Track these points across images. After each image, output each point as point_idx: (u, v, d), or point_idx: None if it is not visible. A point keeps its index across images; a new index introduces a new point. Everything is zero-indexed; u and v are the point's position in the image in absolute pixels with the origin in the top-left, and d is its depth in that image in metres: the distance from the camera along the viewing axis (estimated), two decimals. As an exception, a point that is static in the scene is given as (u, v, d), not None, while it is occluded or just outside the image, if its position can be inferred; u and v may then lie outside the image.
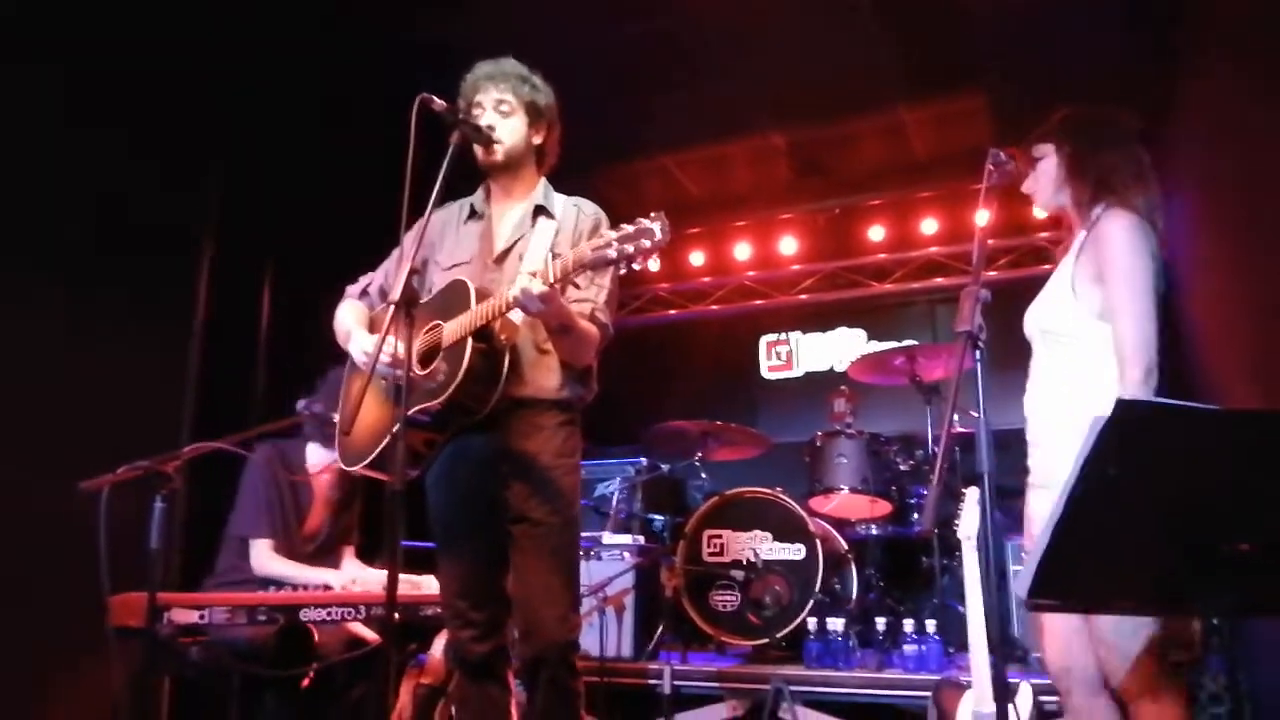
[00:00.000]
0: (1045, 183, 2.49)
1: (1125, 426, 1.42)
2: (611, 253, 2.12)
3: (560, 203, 2.69)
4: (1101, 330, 2.27)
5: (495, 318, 2.35)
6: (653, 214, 2.12)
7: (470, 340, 2.35)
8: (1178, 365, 4.52)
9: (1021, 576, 1.58)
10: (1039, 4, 4.62)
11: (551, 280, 2.21)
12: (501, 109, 2.62)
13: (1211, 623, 1.62)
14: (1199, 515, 1.55)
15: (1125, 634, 2.15)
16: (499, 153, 2.61)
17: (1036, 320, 2.42)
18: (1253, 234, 3.44)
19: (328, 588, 3.30)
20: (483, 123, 2.59)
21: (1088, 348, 2.30)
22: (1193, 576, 1.63)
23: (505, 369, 2.43)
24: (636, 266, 2.15)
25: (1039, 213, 2.62)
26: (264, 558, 3.41)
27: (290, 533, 3.52)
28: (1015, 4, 4.61)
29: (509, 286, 2.31)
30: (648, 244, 2.10)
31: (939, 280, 6.65)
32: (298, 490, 3.58)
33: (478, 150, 2.61)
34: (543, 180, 2.74)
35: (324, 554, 3.62)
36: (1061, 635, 2.31)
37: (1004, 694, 2.11)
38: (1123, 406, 1.41)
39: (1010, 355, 2.58)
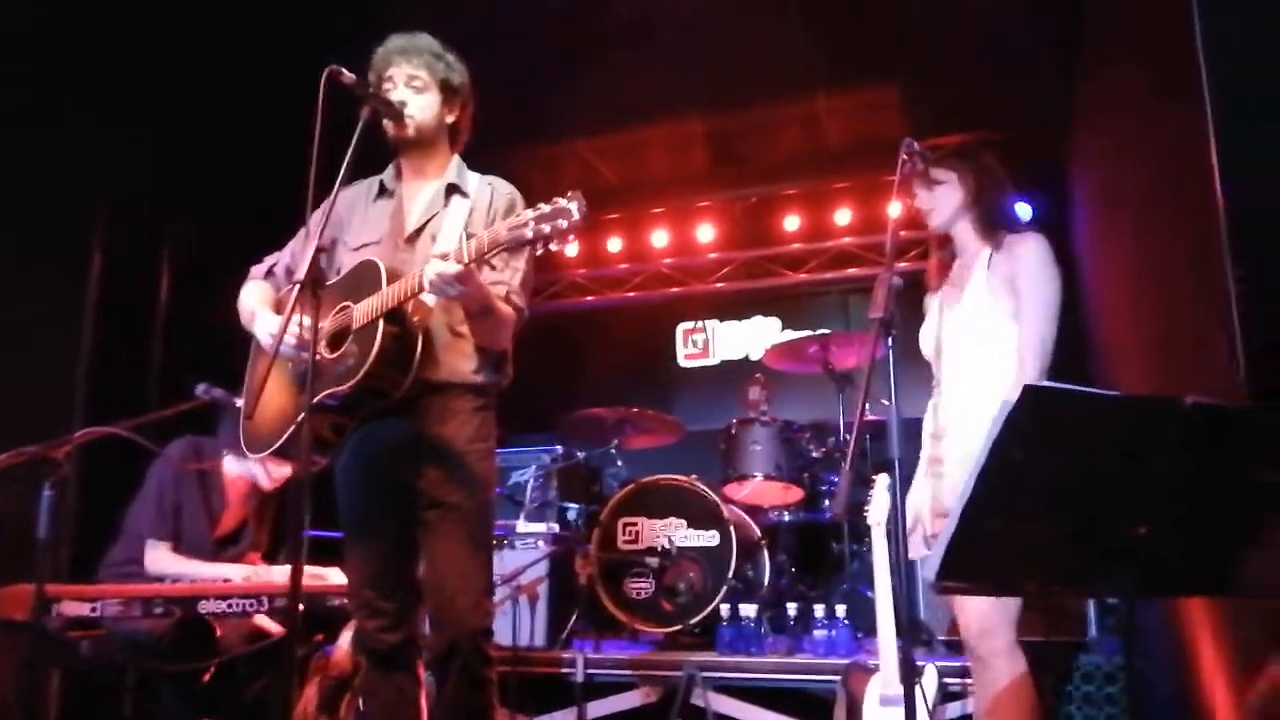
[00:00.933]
0: (945, 207, 2.65)
1: (1031, 411, 1.45)
2: (528, 233, 2.08)
3: (474, 181, 2.63)
4: (1013, 331, 2.47)
5: (408, 299, 2.29)
6: (569, 193, 2.08)
7: (382, 322, 2.29)
8: (1082, 364, 4.71)
9: (930, 559, 1.60)
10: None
11: (466, 260, 2.16)
12: (414, 84, 2.55)
13: (1107, 603, 1.68)
14: (1099, 499, 1.59)
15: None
16: (410, 128, 2.54)
17: (969, 320, 2.55)
18: (1151, 235, 3.56)
19: (227, 581, 3.18)
20: (394, 98, 2.51)
21: (1004, 345, 2.47)
22: (1094, 559, 1.68)
23: (419, 352, 2.37)
24: (554, 247, 2.11)
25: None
26: (160, 560, 3.28)
27: (198, 534, 3.38)
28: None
29: (421, 267, 2.25)
30: (565, 224, 2.06)
31: (852, 271, 6.75)
32: (210, 493, 3.44)
33: (388, 126, 2.53)
34: (456, 158, 2.67)
35: (233, 555, 3.50)
36: (979, 603, 2.39)
37: (910, 676, 2.14)
38: (1029, 391, 1.44)
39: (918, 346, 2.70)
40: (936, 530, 2.37)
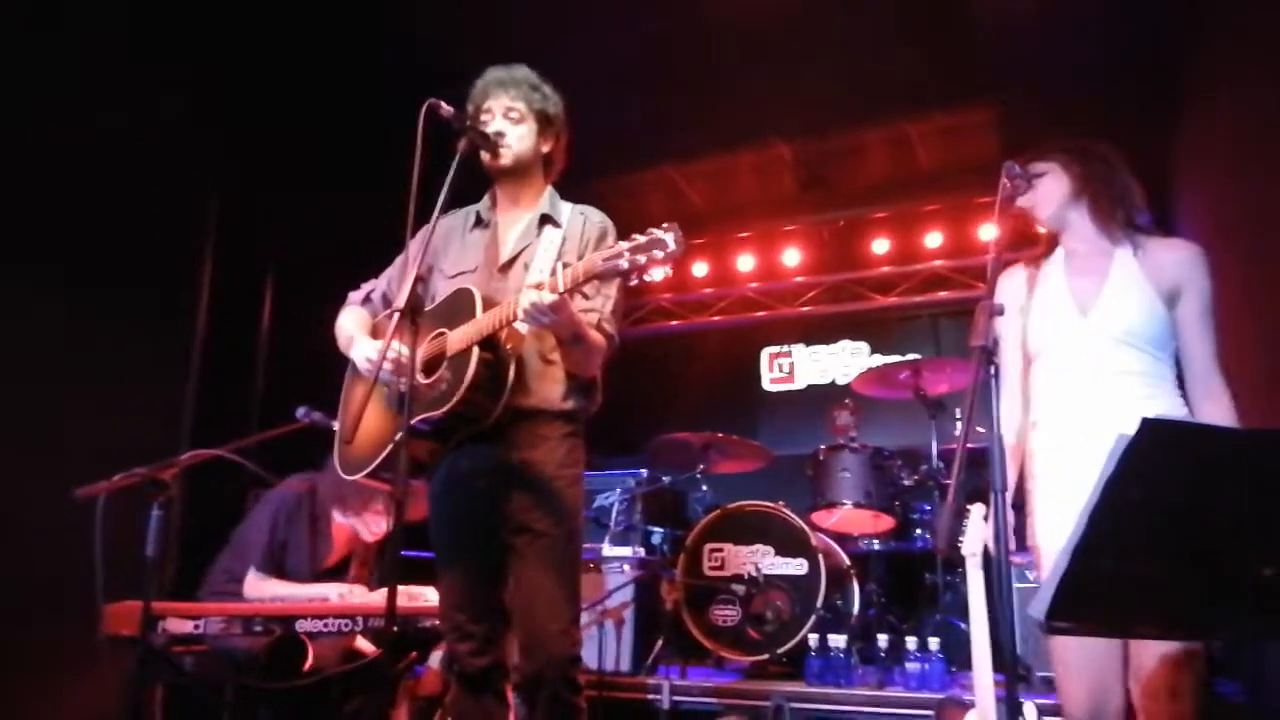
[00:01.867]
0: (1048, 199, 2.45)
1: (1150, 447, 1.38)
2: (623, 263, 2.09)
3: (566, 211, 2.65)
4: (1173, 343, 2.31)
5: (502, 327, 2.32)
6: (665, 225, 2.09)
7: (476, 350, 2.32)
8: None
9: (1039, 598, 1.54)
10: (1051, 19, 4.60)
11: (561, 290, 2.18)
12: (511, 116, 2.59)
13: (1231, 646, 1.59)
14: (1222, 538, 1.51)
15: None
16: (506, 159, 2.58)
17: (1123, 324, 2.28)
18: (1262, 263, 3.41)
19: (324, 600, 3.25)
20: (491, 129, 2.56)
21: (1169, 357, 2.31)
22: (1215, 601, 1.59)
23: (510, 379, 2.39)
24: (647, 278, 2.12)
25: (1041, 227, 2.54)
26: (257, 585, 3.36)
27: (299, 568, 3.47)
28: (1026, 19, 4.59)
29: (515, 295, 2.28)
30: (660, 255, 2.06)
31: (943, 294, 6.63)
32: (317, 534, 3.53)
33: (485, 157, 2.58)
34: (549, 188, 2.70)
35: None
36: (1092, 672, 2.23)
37: (1014, 713, 2.06)
38: (1148, 425, 1.38)
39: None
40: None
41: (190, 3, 4.14)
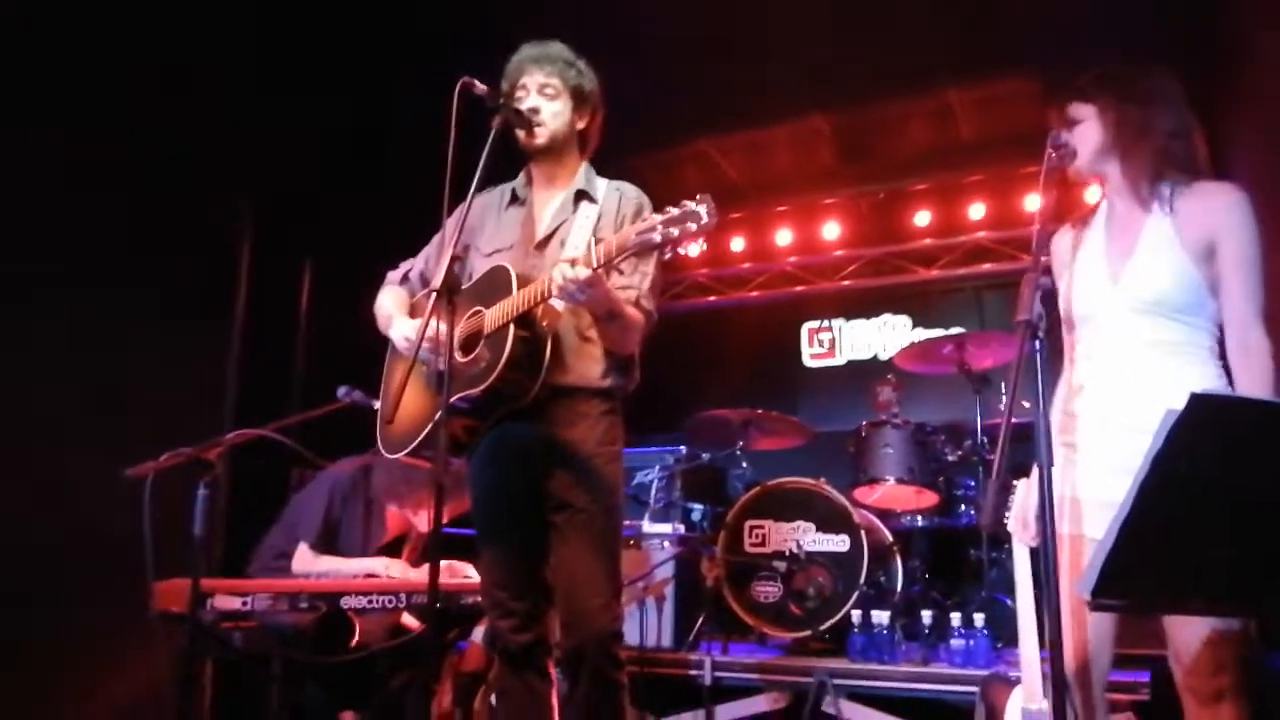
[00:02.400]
0: (1085, 148, 2.26)
1: (1199, 421, 1.35)
2: (656, 236, 2.07)
3: (602, 187, 2.64)
4: (1212, 305, 2.13)
5: (537, 304, 2.31)
6: (698, 196, 2.06)
7: (513, 327, 2.32)
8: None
9: (1085, 574, 1.51)
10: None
11: (595, 265, 2.17)
12: (546, 92, 2.58)
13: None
14: (1271, 513, 1.47)
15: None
16: (542, 137, 2.57)
17: (1151, 293, 2.14)
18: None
19: (372, 575, 3.29)
20: (526, 106, 2.55)
21: (1207, 322, 2.15)
22: (1263, 576, 1.55)
23: (547, 356, 2.39)
24: (682, 251, 2.10)
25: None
26: (307, 560, 3.42)
27: (351, 548, 3.52)
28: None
29: (550, 272, 2.27)
30: (693, 227, 2.04)
31: (986, 266, 6.53)
32: (371, 518, 3.58)
33: (520, 134, 2.57)
34: (585, 165, 2.69)
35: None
36: (1084, 631, 2.17)
37: (1060, 690, 2.03)
38: (1196, 401, 1.34)
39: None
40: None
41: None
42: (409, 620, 3.42)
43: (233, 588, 2.90)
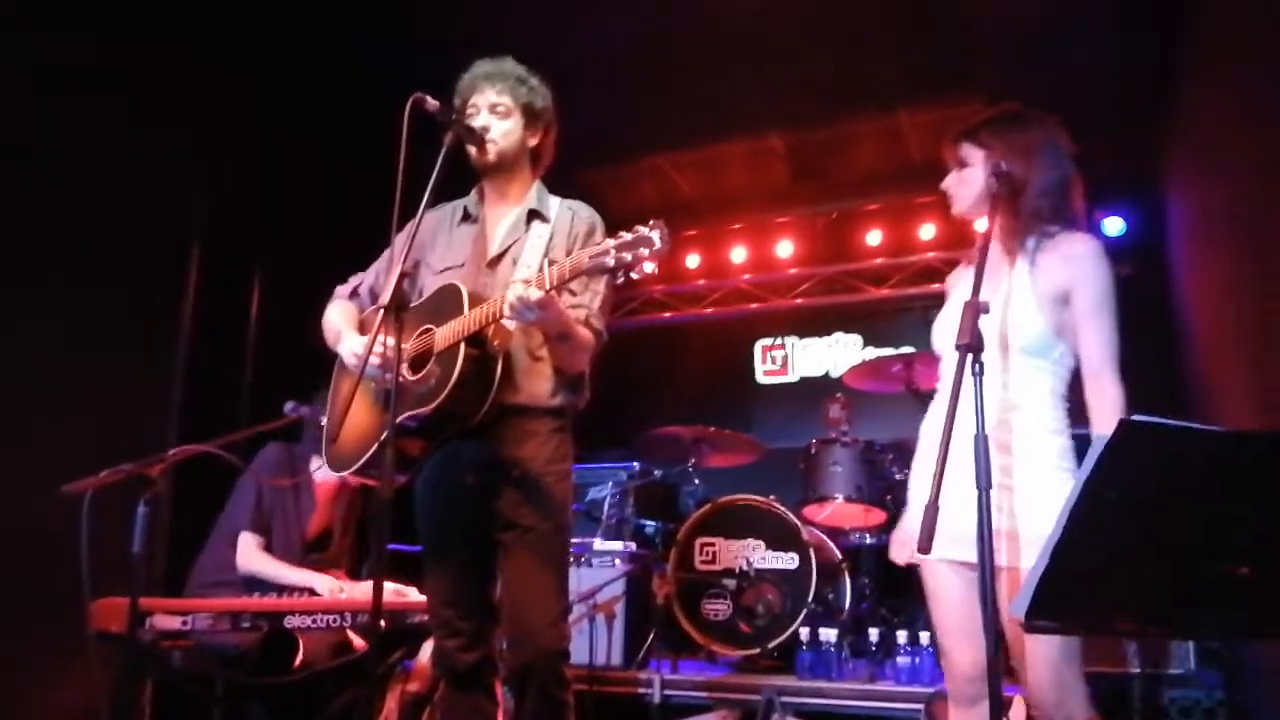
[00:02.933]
0: (969, 191, 2.36)
1: (1127, 447, 1.38)
2: (609, 260, 2.08)
3: (555, 206, 2.64)
4: (1059, 347, 2.24)
5: (489, 324, 2.31)
6: (651, 222, 2.08)
7: (463, 346, 2.31)
8: (1175, 378, 4.53)
9: (1019, 598, 1.54)
10: (1039, 12, 4.60)
11: (547, 287, 2.17)
12: (497, 110, 2.58)
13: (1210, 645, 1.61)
14: (1200, 537, 1.51)
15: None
16: (492, 154, 2.57)
17: (1007, 335, 2.25)
18: (1253, 249, 3.41)
19: (313, 593, 3.25)
20: (477, 124, 2.55)
21: (1052, 364, 2.26)
22: (1193, 600, 1.59)
23: (498, 376, 2.39)
24: (635, 275, 2.11)
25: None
26: (248, 553, 3.37)
27: (287, 537, 3.47)
28: (1015, 12, 4.59)
29: (502, 291, 2.27)
30: (646, 252, 2.06)
31: (936, 286, 6.56)
32: (300, 495, 3.53)
33: (471, 151, 2.57)
34: (537, 183, 2.69)
35: (316, 565, 3.57)
36: (978, 637, 2.24)
37: (999, 707, 2.07)
38: (1125, 426, 1.38)
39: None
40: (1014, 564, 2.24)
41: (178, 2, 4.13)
42: (351, 636, 3.38)
43: (172, 606, 2.86)
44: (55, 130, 3.72)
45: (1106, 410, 2.16)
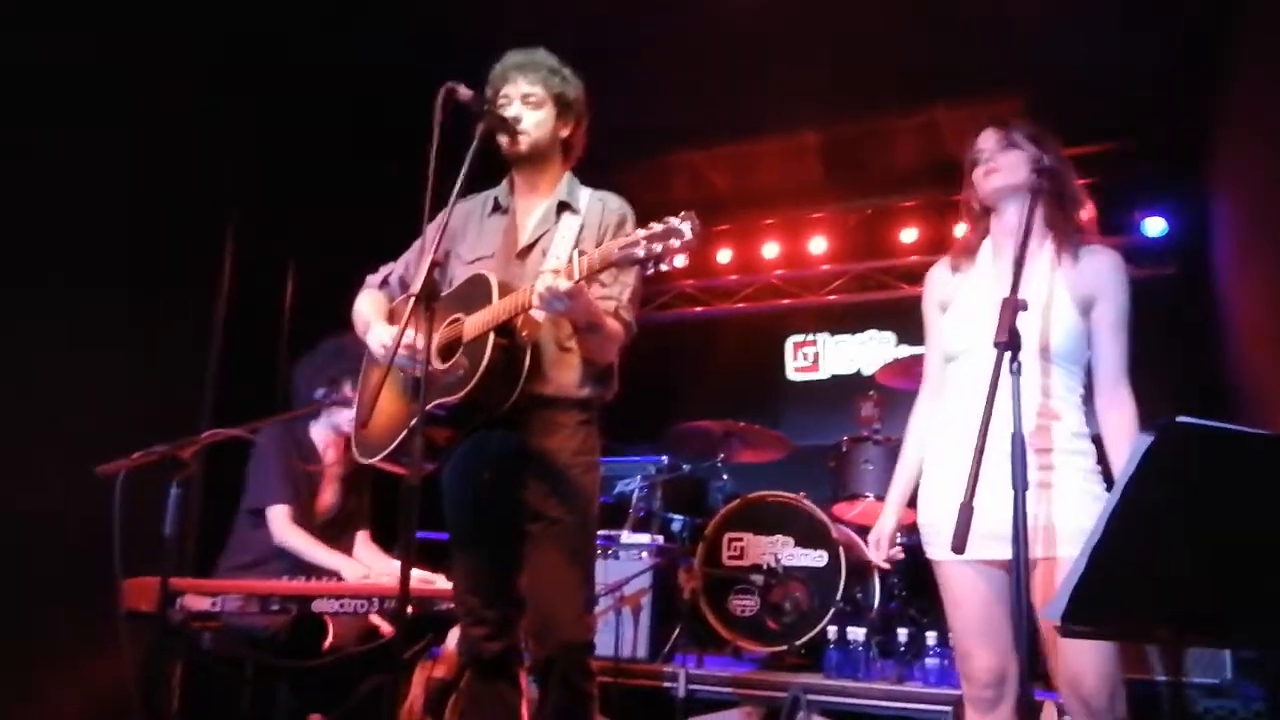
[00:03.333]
0: (1012, 173, 2.34)
1: (1171, 449, 1.35)
2: (639, 252, 2.07)
3: (585, 197, 2.63)
4: (1087, 353, 2.28)
5: (518, 313, 2.30)
6: (683, 213, 2.07)
7: (492, 335, 2.31)
8: (1222, 399, 4.42)
9: (1055, 600, 1.51)
10: (1077, 11, 4.52)
11: (577, 277, 2.16)
12: (530, 101, 2.57)
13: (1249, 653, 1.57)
14: (1241, 543, 1.48)
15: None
16: (524, 144, 2.56)
17: (1040, 340, 2.23)
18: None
19: (339, 577, 3.26)
20: (509, 114, 2.54)
21: (1080, 370, 2.28)
22: (1233, 607, 1.56)
23: (526, 366, 2.38)
24: (664, 267, 2.10)
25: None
26: (282, 525, 3.37)
27: (302, 509, 3.49)
28: (1056, 9, 4.51)
29: (532, 281, 2.26)
30: (676, 244, 2.05)
31: (972, 284, 6.53)
32: (307, 466, 3.55)
33: (502, 141, 2.56)
34: (568, 174, 2.68)
35: (336, 534, 3.58)
36: (998, 640, 2.24)
37: (1030, 712, 2.04)
38: (1172, 429, 1.34)
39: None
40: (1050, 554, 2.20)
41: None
42: (380, 620, 3.39)
43: (203, 587, 2.87)
44: (97, 115, 3.77)
45: (1126, 419, 2.21)
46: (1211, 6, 4.25)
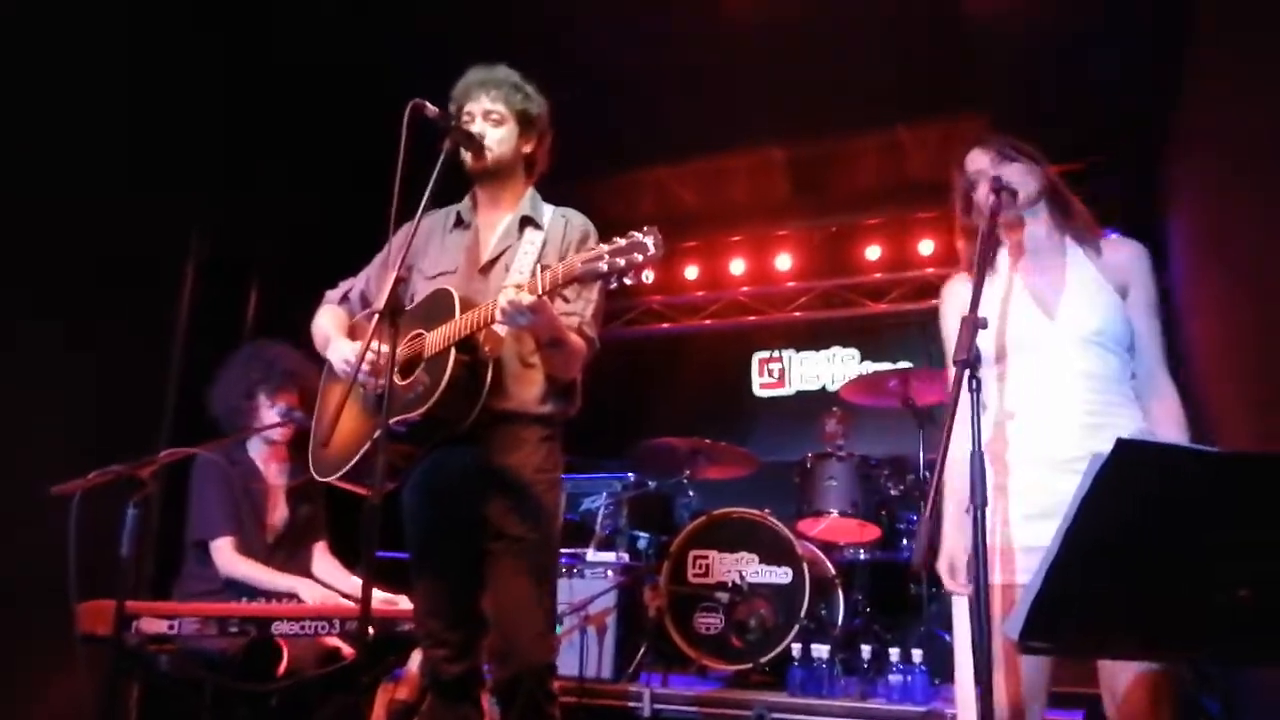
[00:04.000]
0: (1031, 185, 2.31)
1: (1125, 466, 1.36)
2: (603, 265, 2.07)
3: (548, 213, 2.63)
4: (1130, 344, 2.26)
5: (480, 328, 2.29)
6: (645, 228, 2.07)
7: (454, 351, 2.29)
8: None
9: (1013, 618, 1.52)
10: (1039, 30, 4.60)
11: (540, 292, 2.16)
12: (491, 118, 2.57)
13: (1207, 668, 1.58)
14: (1198, 559, 1.49)
15: None
16: (488, 160, 2.56)
17: (1094, 323, 2.20)
18: (1250, 268, 3.40)
19: (298, 599, 3.21)
20: (473, 130, 2.53)
21: (1129, 356, 2.26)
22: (1190, 622, 1.57)
23: (488, 382, 2.37)
24: (628, 280, 2.10)
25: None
26: (228, 558, 3.30)
27: (251, 531, 3.43)
28: (1015, 29, 4.58)
29: (494, 297, 2.25)
30: (640, 258, 2.05)
31: (934, 301, 6.54)
32: (250, 487, 3.49)
33: (466, 157, 2.55)
34: (530, 190, 2.68)
35: (291, 549, 3.52)
36: (1020, 671, 2.15)
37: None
38: (1121, 447, 1.36)
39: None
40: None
41: (178, 7, 4.13)
42: (340, 642, 3.35)
43: (159, 610, 2.83)
44: (52, 133, 3.71)
45: (1169, 405, 2.20)
46: (1165, 31, 4.34)
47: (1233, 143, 3.57)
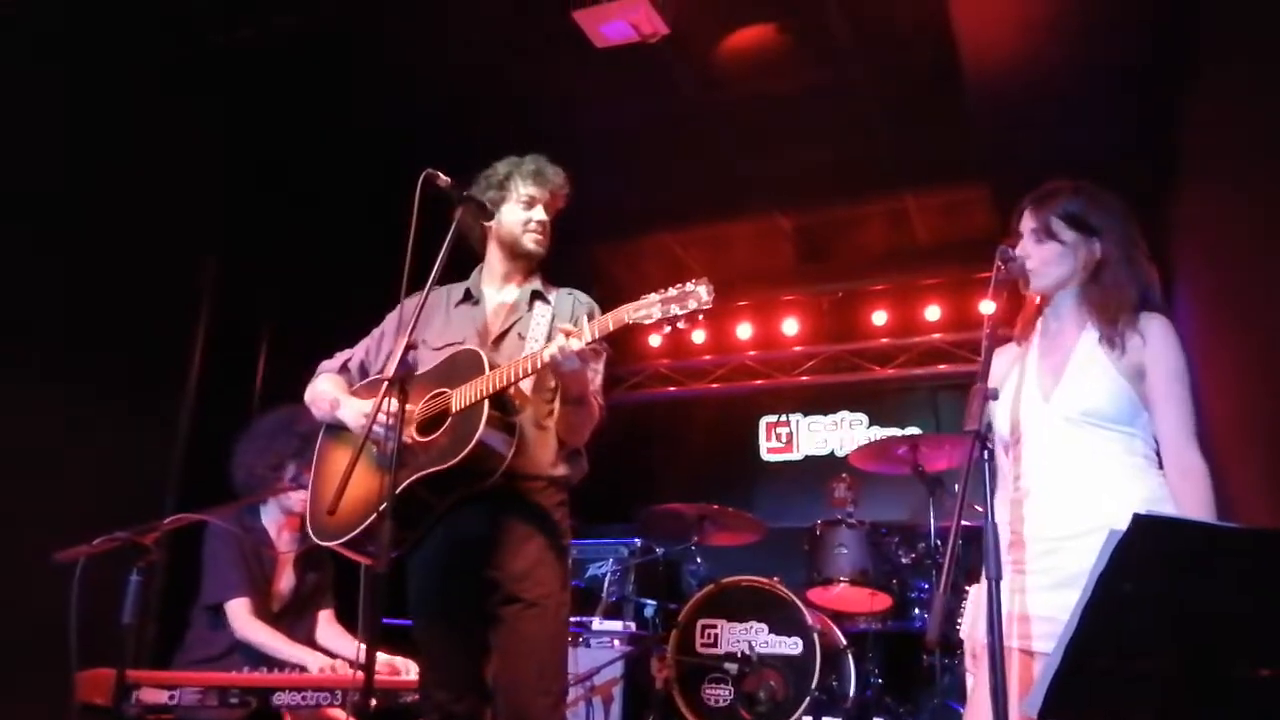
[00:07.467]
0: (1058, 269, 2.25)
1: (1143, 541, 1.35)
2: (656, 312, 2.12)
3: (554, 291, 2.70)
4: (1146, 415, 2.18)
5: (520, 379, 2.31)
6: (696, 279, 2.11)
7: (487, 404, 2.30)
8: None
9: (1033, 694, 1.49)
10: (1040, 99, 4.67)
11: (590, 339, 2.18)
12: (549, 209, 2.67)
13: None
14: (1218, 637, 1.47)
15: None
16: (540, 246, 2.66)
17: (1081, 404, 2.17)
18: (1261, 340, 3.40)
19: (305, 670, 3.16)
20: (536, 218, 2.62)
21: (1143, 432, 2.18)
22: (1211, 701, 1.54)
23: (517, 435, 2.39)
24: (681, 326, 2.14)
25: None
26: (244, 620, 3.27)
27: (260, 595, 3.39)
28: (1016, 99, 4.65)
29: (519, 359, 2.30)
30: (693, 305, 2.11)
31: (942, 367, 6.61)
32: (260, 554, 3.46)
33: (527, 241, 2.64)
34: (538, 272, 2.74)
35: (297, 616, 3.49)
36: None
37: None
38: (1139, 522, 1.35)
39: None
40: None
41: (192, 66, 4.21)
42: (339, 715, 3.29)
43: (160, 679, 2.78)
44: (62, 190, 3.76)
45: (1196, 488, 2.09)
46: (1165, 99, 4.40)
47: (1234, 212, 3.60)
